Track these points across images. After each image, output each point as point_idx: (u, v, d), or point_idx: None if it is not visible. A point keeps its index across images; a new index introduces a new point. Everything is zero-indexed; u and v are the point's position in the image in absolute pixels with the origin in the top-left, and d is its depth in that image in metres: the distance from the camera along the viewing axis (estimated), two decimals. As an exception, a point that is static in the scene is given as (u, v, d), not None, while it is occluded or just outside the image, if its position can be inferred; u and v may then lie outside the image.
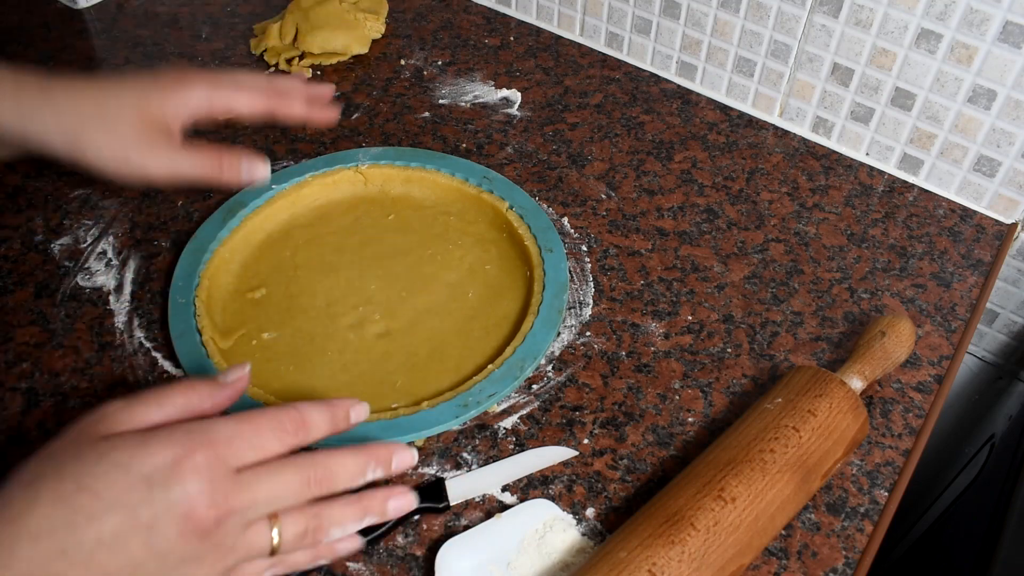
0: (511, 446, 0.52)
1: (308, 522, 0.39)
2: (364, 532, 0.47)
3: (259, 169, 0.54)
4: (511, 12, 0.88)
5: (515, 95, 0.78)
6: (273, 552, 0.38)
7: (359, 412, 0.42)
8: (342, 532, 0.40)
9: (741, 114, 0.77)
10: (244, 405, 0.47)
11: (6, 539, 0.33)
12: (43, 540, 0.33)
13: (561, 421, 0.53)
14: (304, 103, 0.57)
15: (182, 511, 0.35)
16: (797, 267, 0.64)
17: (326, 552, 0.41)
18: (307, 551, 0.40)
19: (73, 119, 0.51)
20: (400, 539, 0.48)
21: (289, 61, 0.81)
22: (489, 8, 0.89)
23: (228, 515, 0.36)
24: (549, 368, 0.56)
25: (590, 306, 0.60)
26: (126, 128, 0.51)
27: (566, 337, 0.58)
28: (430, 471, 0.51)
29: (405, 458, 0.42)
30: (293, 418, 0.39)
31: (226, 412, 0.40)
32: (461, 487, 0.49)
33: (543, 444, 0.52)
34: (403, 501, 0.42)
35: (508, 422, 0.53)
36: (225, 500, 0.36)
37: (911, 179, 0.71)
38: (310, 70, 0.80)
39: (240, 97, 0.54)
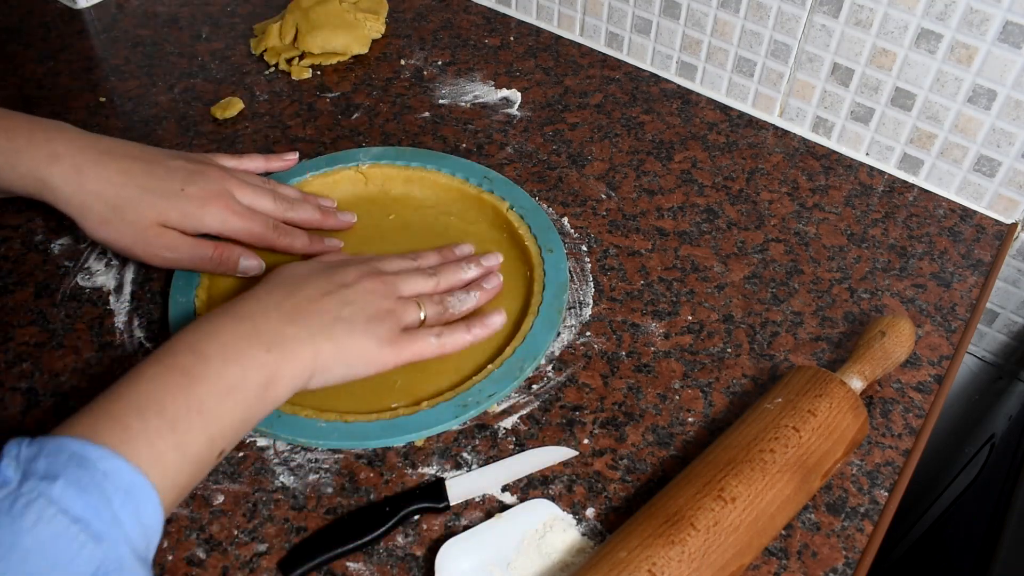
0: (511, 446, 0.52)
1: (438, 305, 0.55)
2: (365, 536, 0.47)
3: (253, 263, 0.59)
4: (511, 12, 0.88)
5: (515, 95, 0.78)
6: (423, 323, 0.54)
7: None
8: (461, 304, 0.56)
9: (741, 114, 0.77)
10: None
11: (255, 309, 0.48)
12: (274, 310, 0.48)
13: (561, 421, 0.53)
14: (306, 240, 0.62)
15: (364, 285, 0.52)
16: (797, 267, 0.64)
17: (479, 329, 0.55)
18: (460, 328, 0.55)
19: (95, 204, 0.55)
20: (400, 539, 0.48)
21: (289, 61, 0.81)
22: (489, 8, 0.89)
23: (391, 288, 0.53)
24: (549, 368, 0.56)
25: (590, 306, 0.60)
26: (138, 232, 0.56)
27: (566, 337, 0.58)
28: (430, 471, 0.51)
29: (491, 259, 0.61)
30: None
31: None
32: (461, 487, 0.49)
33: (543, 444, 0.52)
34: (496, 283, 0.59)
35: (508, 422, 0.53)
36: (387, 285, 0.53)
37: (911, 179, 0.71)
38: (310, 70, 0.80)
39: (251, 231, 0.59)
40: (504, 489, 0.50)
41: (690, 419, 0.54)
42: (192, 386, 0.42)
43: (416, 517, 0.48)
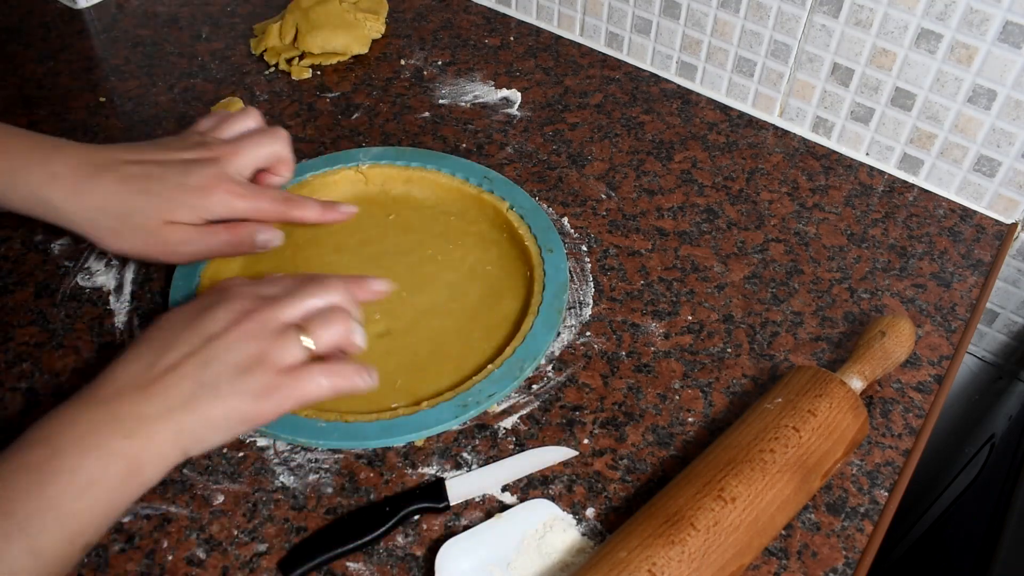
0: (511, 446, 0.52)
1: (336, 324, 0.48)
2: (365, 536, 0.47)
3: (270, 236, 0.58)
4: (511, 12, 0.88)
5: (515, 95, 0.78)
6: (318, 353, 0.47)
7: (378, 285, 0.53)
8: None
9: (741, 114, 0.77)
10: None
11: (113, 390, 0.44)
12: (132, 388, 0.44)
13: (561, 421, 0.53)
14: (318, 208, 0.60)
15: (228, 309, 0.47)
16: (797, 267, 0.64)
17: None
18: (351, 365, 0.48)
19: (101, 218, 0.55)
20: (400, 539, 0.48)
21: (289, 61, 0.81)
22: (489, 8, 0.89)
23: (266, 322, 0.46)
24: (549, 368, 0.56)
25: (590, 306, 0.60)
26: (149, 235, 0.55)
27: (566, 337, 0.58)
28: (430, 471, 0.51)
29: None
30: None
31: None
32: (461, 487, 0.49)
33: (543, 444, 0.52)
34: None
35: (508, 422, 0.53)
36: (262, 320, 0.46)
37: (911, 179, 0.71)
38: (310, 70, 0.80)
39: (259, 208, 0.57)
40: (504, 489, 0.50)
41: (690, 419, 0.54)
42: (45, 484, 0.39)
43: (416, 517, 0.48)
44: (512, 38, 0.85)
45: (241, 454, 0.51)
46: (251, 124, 0.61)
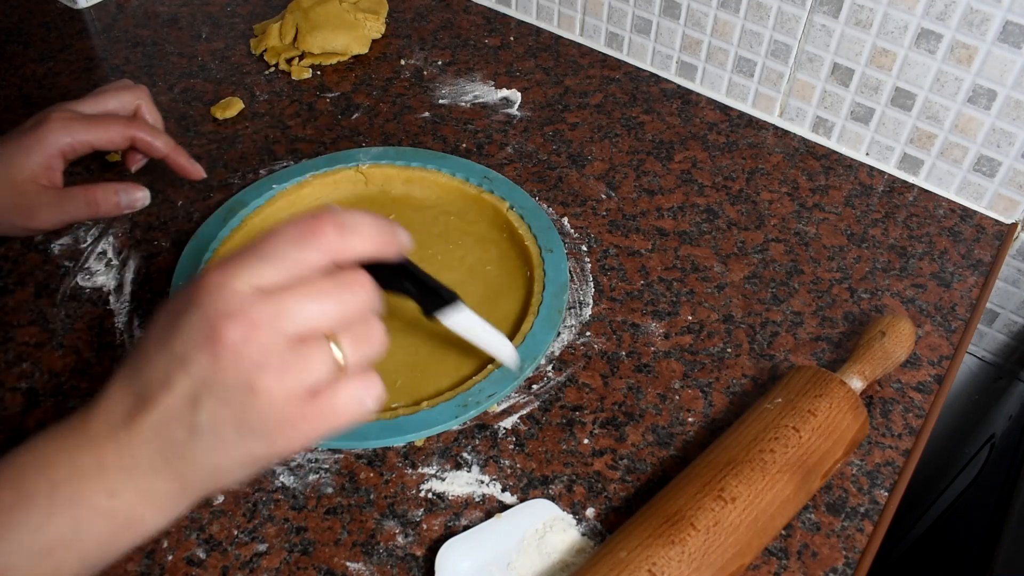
0: (511, 446, 0.52)
1: (361, 329, 0.35)
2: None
3: (136, 194, 0.57)
4: (511, 12, 0.88)
5: (515, 95, 0.78)
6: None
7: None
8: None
9: (741, 114, 0.77)
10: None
11: (104, 426, 0.35)
12: (122, 427, 0.34)
13: (561, 421, 0.53)
14: (166, 143, 0.59)
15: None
16: (797, 267, 0.64)
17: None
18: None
19: None
20: (400, 539, 0.48)
21: (289, 61, 0.81)
22: (489, 8, 0.89)
23: (272, 334, 0.33)
24: (549, 368, 0.56)
25: (590, 306, 0.60)
26: (3, 200, 0.54)
27: (566, 337, 0.58)
28: (430, 471, 0.51)
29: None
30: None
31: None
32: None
33: (543, 444, 0.52)
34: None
35: (508, 422, 0.53)
36: (265, 331, 0.33)
37: (911, 179, 0.71)
38: (310, 70, 0.80)
39: (100, 136, 0.56)
40: (504, 489, 0.50)
41: (690, 419, 0.54)
42: (0, 537, 0.33)
43: (416, 517, 0.48)
44: (512, 38, 0.85)
45: (241, 454, 0.51)
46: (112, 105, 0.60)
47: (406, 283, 0.42)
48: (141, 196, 0.57)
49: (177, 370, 0.33)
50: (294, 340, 0.33)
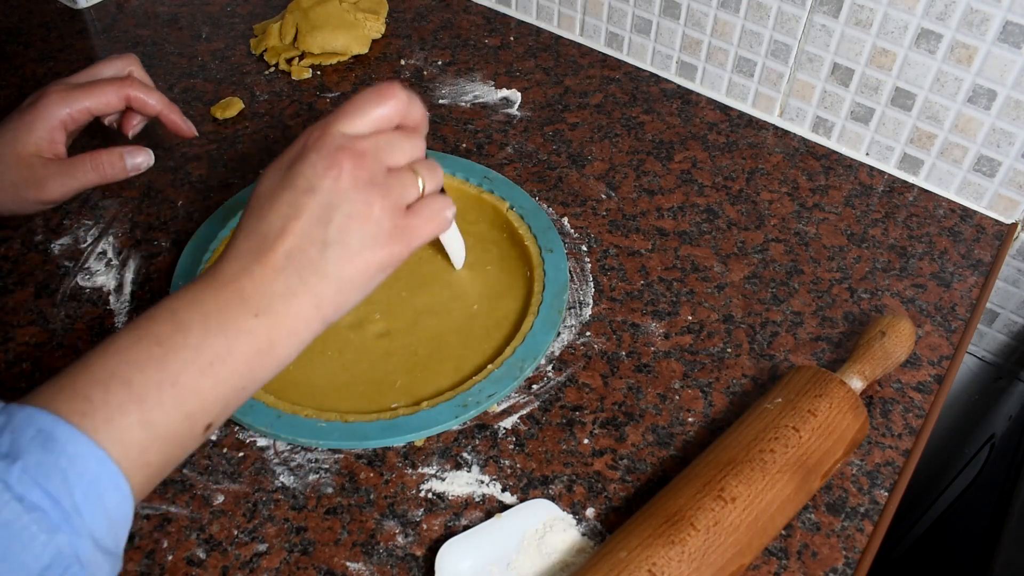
0: (511, 446, 0.52)
1: (432, 170, 0.46)
2: None
3: (140, 157, 0.58)
4: (511, 12, 0.88)
5: (515, 95, 0.78)
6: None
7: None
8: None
9: (741, 114, 0.77)
10: (245, 404, 0.47)
11: (238, 267, 0.41)
12: (256, 264, 0.41)
13: (561, 421, 0.53)
14: (160, 99, 0.60)
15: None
16: (797, 267, 0.64)
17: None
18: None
19: None
20: (400, 539, 0.48)
21: (289, 61, 0.81)
22: (489, 8, 0.89)
23: (374, 165, 0.43)
24: (549, 368, 0.56)
25: (590, 306, 0.60)
26: (13, 176, 0.55)
27: (566, 337, 0.58)
28: (430, 471, 0.51)
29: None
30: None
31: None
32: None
33: (543, 444, 0.52)
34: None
35: (508, 422, 0.53)
36: (368, 164, 0.42)
37: (911, 179, 0.71)
38: (310, 70, 0.80)
39: (96, 100, 0.58)
40: (504, 489, 0.50)
41: (690, 419, 0.54)
42: (167, 358, 0.38)
43: (416, 517, 0.48)
44: (512, 38, 0.85)
45: (241, 454, 0.51)
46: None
47: None
48: (144, 158, 0.58)
49: (305, 198, 0.41)
50: (390, 169, 0.43)
